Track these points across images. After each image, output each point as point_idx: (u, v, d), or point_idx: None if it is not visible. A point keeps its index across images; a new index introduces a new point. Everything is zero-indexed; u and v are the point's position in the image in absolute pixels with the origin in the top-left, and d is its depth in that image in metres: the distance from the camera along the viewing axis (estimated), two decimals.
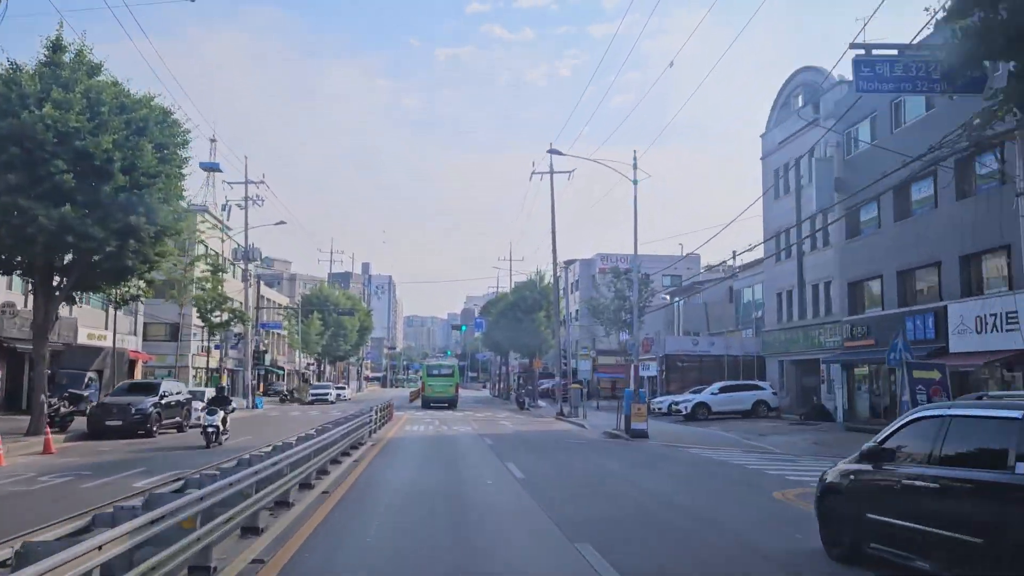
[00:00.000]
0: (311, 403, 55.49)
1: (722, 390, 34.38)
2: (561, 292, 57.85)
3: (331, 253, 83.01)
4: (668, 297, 54.87)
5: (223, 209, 70.73)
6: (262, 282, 79.20)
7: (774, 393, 34.68)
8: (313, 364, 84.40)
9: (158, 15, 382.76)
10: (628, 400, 26.20)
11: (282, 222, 47.14)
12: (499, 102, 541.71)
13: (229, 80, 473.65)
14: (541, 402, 54.17)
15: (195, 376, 53.06)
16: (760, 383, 35.31)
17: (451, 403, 48.38)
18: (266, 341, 66.81)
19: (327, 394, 58.00)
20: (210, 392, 26.21)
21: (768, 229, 39.80)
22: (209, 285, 37.28)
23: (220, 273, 38.41)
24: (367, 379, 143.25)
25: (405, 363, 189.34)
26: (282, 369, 79.17)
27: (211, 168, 62.84)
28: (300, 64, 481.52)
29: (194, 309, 38.70)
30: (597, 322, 42.26)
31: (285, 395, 57.34)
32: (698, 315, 55.18)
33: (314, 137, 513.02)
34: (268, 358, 75.89)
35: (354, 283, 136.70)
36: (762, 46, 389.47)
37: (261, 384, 76.25)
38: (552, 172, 43.22)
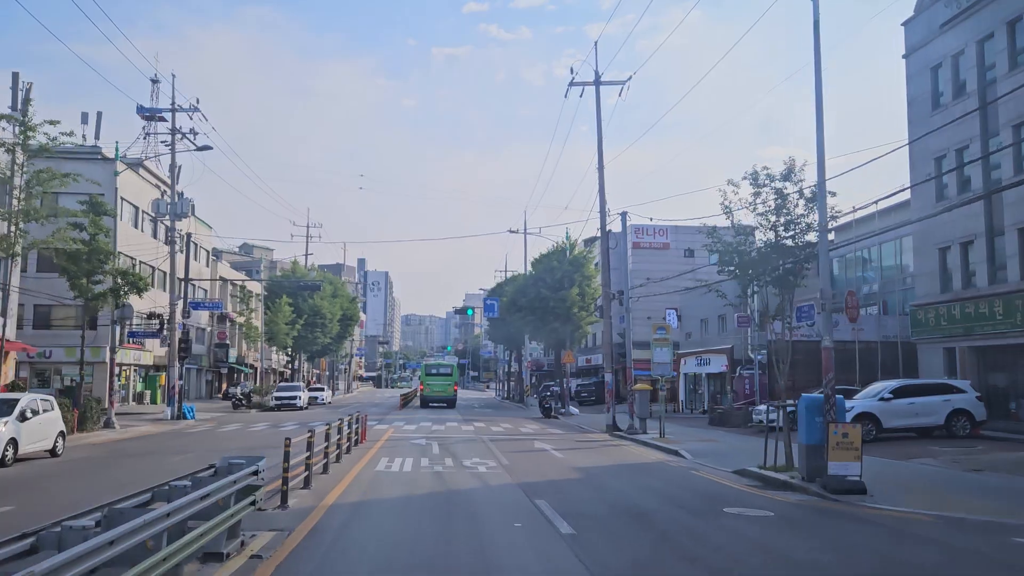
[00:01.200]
0: (276, 409, 42.87)
1: (897, 393, 21.27)
2: (595, 266, 44.82)
3: (307, 227, 69.64)
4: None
5: (170, 170, 57.94)
6: (228, 263, 66.45)
7: (978, 397, 21.61)
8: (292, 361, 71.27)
9: (156, 15, 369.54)
10: (809, 414, 13.33)
11: (207, 147, 34.01)
12: (497, 101, 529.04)
13: (227, 81, 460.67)
14: (572, 408, 41.26)
15: (120, 376, 40.30)
16: (954, 382, 22.16)
17: (450, 402, 49.45)
18: (212, 327, 53.60)
19: (295, 398, 44.74)
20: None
21: (918, 158, 27.19)
22: (80, 234, 23.69)
23: (102, 217, 24.72)
24: (359, 379, 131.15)
25: (402, 362, 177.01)
26: (251, 367, 66.17)
27: (151, 114, 49.68)
28: (297, 64, 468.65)
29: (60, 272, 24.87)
30: (728, 273, 27.41)
31: (239, 399, 43.95)
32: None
33: (311, 137, 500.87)
34: (233, 353, 63.09)
35: (347, 276, 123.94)
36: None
37: (224, 384, 63.29)
38: (598, 83, 30.17)
